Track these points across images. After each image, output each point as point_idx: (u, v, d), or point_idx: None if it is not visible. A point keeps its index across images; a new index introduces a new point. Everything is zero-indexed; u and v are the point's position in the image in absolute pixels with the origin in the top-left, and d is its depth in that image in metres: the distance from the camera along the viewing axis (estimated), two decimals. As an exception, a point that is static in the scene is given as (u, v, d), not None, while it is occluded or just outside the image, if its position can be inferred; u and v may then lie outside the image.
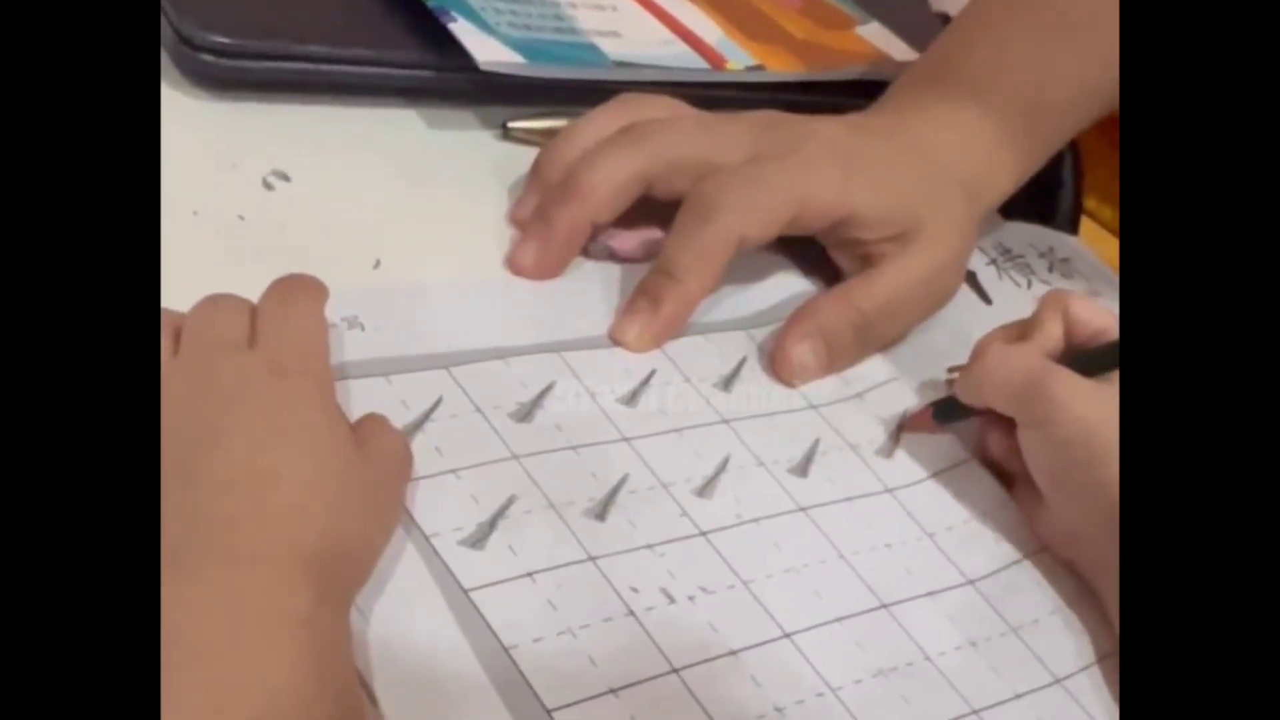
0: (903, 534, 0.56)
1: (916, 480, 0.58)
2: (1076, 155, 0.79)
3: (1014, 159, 0.67)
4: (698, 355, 0.59)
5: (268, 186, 0.60)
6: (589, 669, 0.46)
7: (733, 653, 0.49)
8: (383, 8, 0.68)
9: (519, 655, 0.45)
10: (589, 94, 0.66)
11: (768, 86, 0.74)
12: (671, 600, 0.49)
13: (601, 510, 0.51)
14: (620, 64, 0.70)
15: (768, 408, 0.58)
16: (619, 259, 0.62)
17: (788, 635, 0.50)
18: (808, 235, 0.63)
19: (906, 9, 0.87)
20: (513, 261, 0.60)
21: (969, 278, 0.70)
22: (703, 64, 0.73)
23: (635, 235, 0.62)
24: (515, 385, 0.54)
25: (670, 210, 0.60)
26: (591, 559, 0.49)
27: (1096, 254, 0.77)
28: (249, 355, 0.47)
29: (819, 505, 0.55)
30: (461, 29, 0.65)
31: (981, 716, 0.50)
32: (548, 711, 0.44)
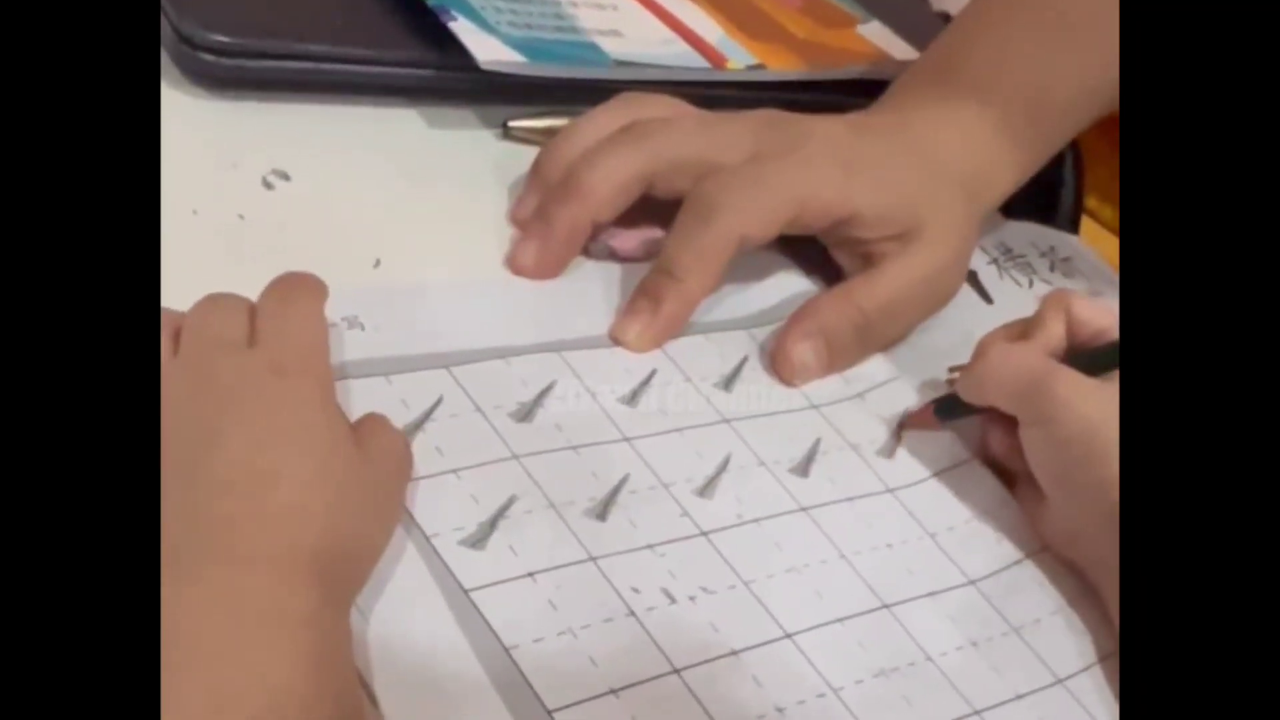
0: (904, 534, 0.56)
1: (918, 480, 0.58)
2: (1077, 154, 0.79)
3: (1015, 158, 0.67)
4: (698, 355, 0.59)
5: (268, 186, 0.60)
6: (590, 669, 0.46)
7: (734, 653, 0.48)
8: (383, 7, 0.68)
9: (519, 655, 0.45)
10: (590, 93, 0.66)
11: (768, 85, 0.74)
12: (672, 600, 0.49)
13: (602, 510, 0.51)
14: (621, 63, 0.70)
15: (769, 407, 0.58)
16: (620, 258, 0.62)
17: (789, 635, 0.50)
18: (808, 234, 0.63)
19: (907, 8, 0.87)
20: (513, 261, 0.60)
21: (970, 277, 0.70)
22: (703, 63, 0.73)
23: (636, 234, 0.62)
24: (516, 385, 0.54)
25: (671, 209, 0.60)
26: (592, 559, 0.49)
27: (1097, 253, 0.77)
28: (249, 355, 0.46)
29: (820, 505, 0.55)
30: (462, 28, 0.65)
31: (983, 717, 0.50)
32: (548, 712, 0.44)
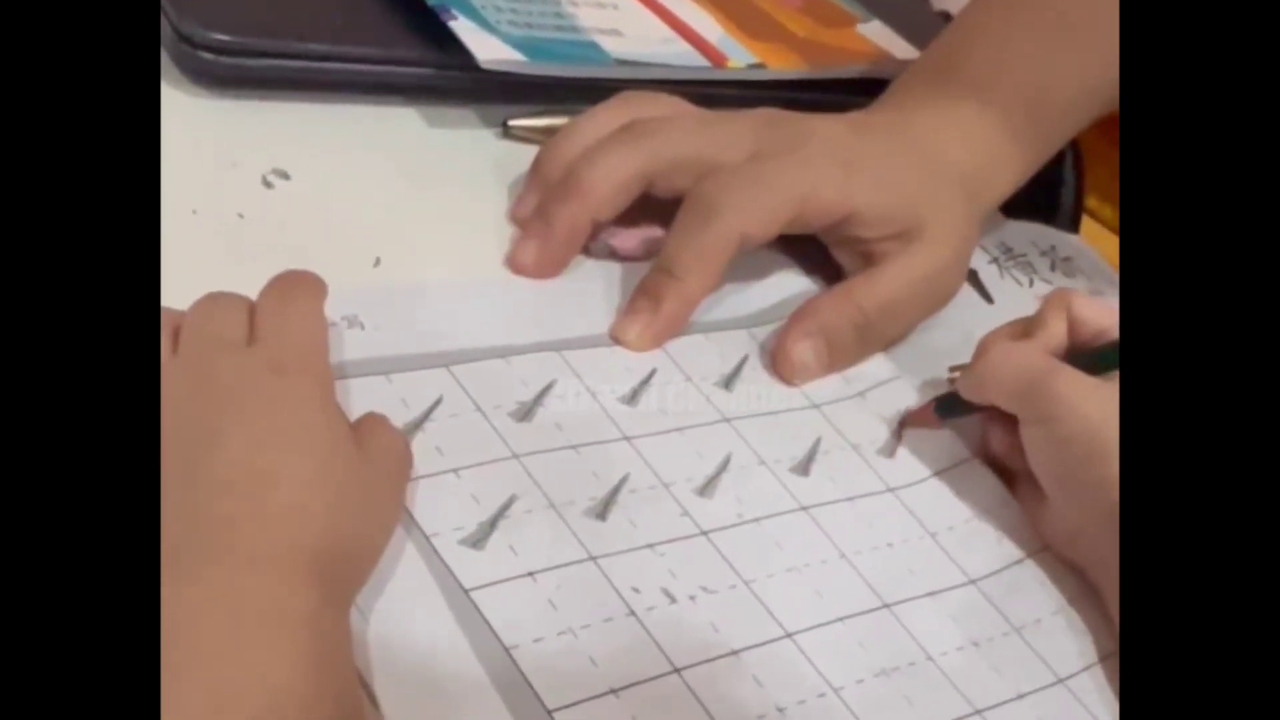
0: (904, 533, 0.56)
1: (918, 479, 0.58)
2: (1077, 154, 0.79)
3: (1015, 157, 0.67)
4: (699, 354, 0.59)
5: (267, 185, 0.60)
6: (590, 669, 0.46)
7: (734, 652, 0.48)
8: (383, 6, 0.68)
9: (519, 655, 0.45)
10: (590, 92, 0.66)
11: (768, 84, 0.74)
12: (673, 600, 0.49)
13: (602, 510, 0.51)
14: (621, 62, 0.70)
15: (769, 407, 0.58)
16: (620, 257, 0.62)
17: (789, 635, 0.50)
18: (809, 234, 0.62)
19: (907, 7, 0.87)
20: (513, 260, 0.60)
21: (970, 276, 0.70)
22: (704, 62, 0.73)
23: (636, 234, 0.62)
24: (516, 384, 0.54)
25: (671, 208, 0.60)
26: (592, 558, 0.49)
27: (1098, 253, 0.77)
28: (248, 354, 0.46)
29: (820, 504, 0.55)
30: (462, 27, 0.65)
31: (984, 716, 0.50)
32: (548, 712, 0.44)
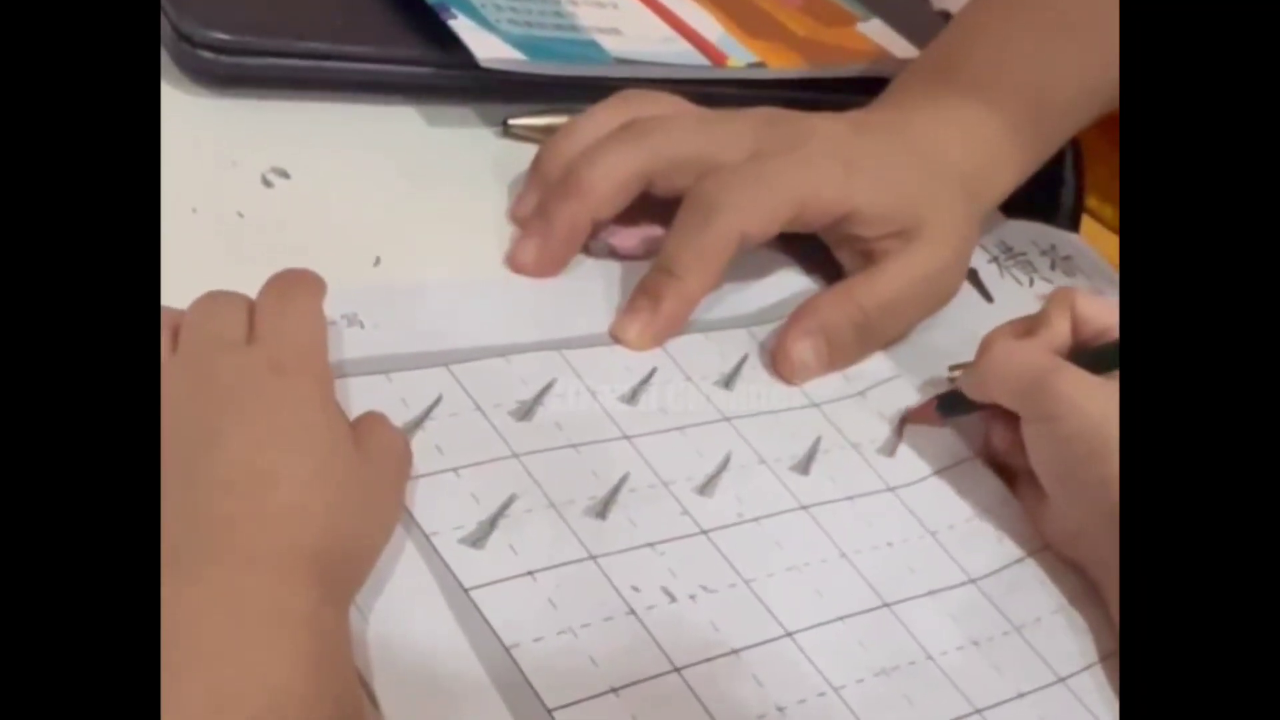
0: (904, 532, 0.56)
1: (918, 478, 0.58)
2: (1077, 153, 0.79)
3: (1015, 156, 0.67)
4: (699, 353, 0.59)
5: (267, 184, 0.60)
6: (590, 668, 0.46)
7: (734, 652, 0.48)
8: (383, 4, 0.67)
9: (519, 654, 0.45)
10: (589, 91, 0.65)
11: (768, 84, 0.74)
12: (673, 599, 0.49)
13: (602, 509, 0.51)
14: (621, 61, 0.70)
15: (769, 406, 0.58)
16: (619, 256, 0.62)
17: (789, 634, 0.50)
18: (809, 232, 0.62)
19: (907, 6, 0.87)
20: (513, 259, 0.60)
21: (971, 275, 0.70)
22: (703, 61, 0.73)
23: (636, 233, 0.62)
24: (516, 383, 0.54)
25: (671, 207, 0.60)
26: (592, 558, 0.49)
27: (1098, 252, 0.77)
28: (248, 353, 0.46)
29: (821, 503, 0.55)
30: (462, 26, 0.65)
31: (984, 716, 0.50)
32: (548, 711, 0.44)
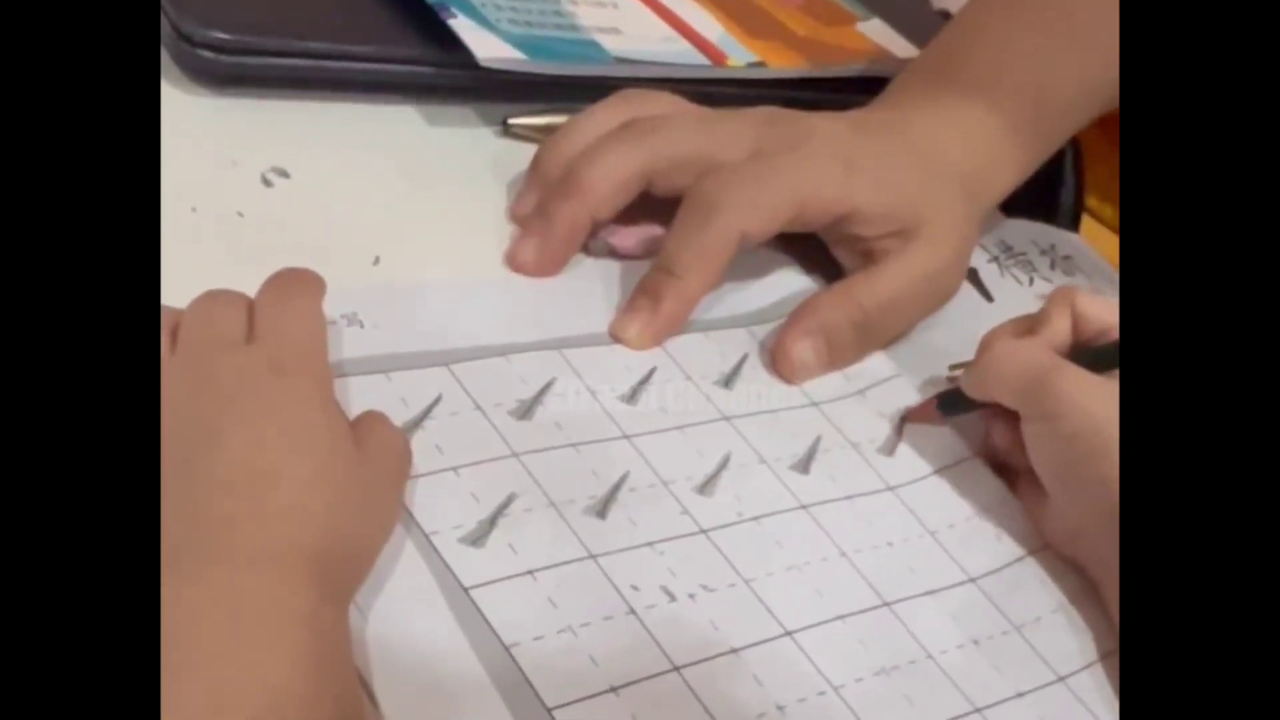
0: (904, 532, 0.56)
1: (918, 478, 0.58)
2: (1077, 152, 0.79)
3: (1015, 156, 0.67)
4: (698, 353, 0.59)
5: (267, 183, 0.60)
6: (590, 667, 0.46)
7: (734, 651, 0.48)
8: (383, 4, 0.67)
9: (519, 653, 0.45)
10: (589, 90, 0.65)
11: (768, 83, 0.74)
12: (672, 598, 0.49)
13: (602, 508, 0.51)
14: (621, 60, 0.70)
15: (769, 405, 0.58)
16: (619, 256, 0.62)
17: (789, 633, 0.50)
18: (809, 232, 0.62)
19: (907, 6, 0.87)
20: (513, 258, 0.60)
21: (970, 275, 0.70)
22: (703, 60, 0.73)
23: (636, 232, 0.62)
24: (515, 382, 0.54)
25: (671, 207, 0.60)
26: (592, 557, 0.49)
27: (1097, 252, 0.77)
28: (247, 352, 0.46)
29: (820, 503, 0.55)
30: (462, 25, 0.65)
31: (984, 715, 0.50)
32: (548, 710, 0.44)
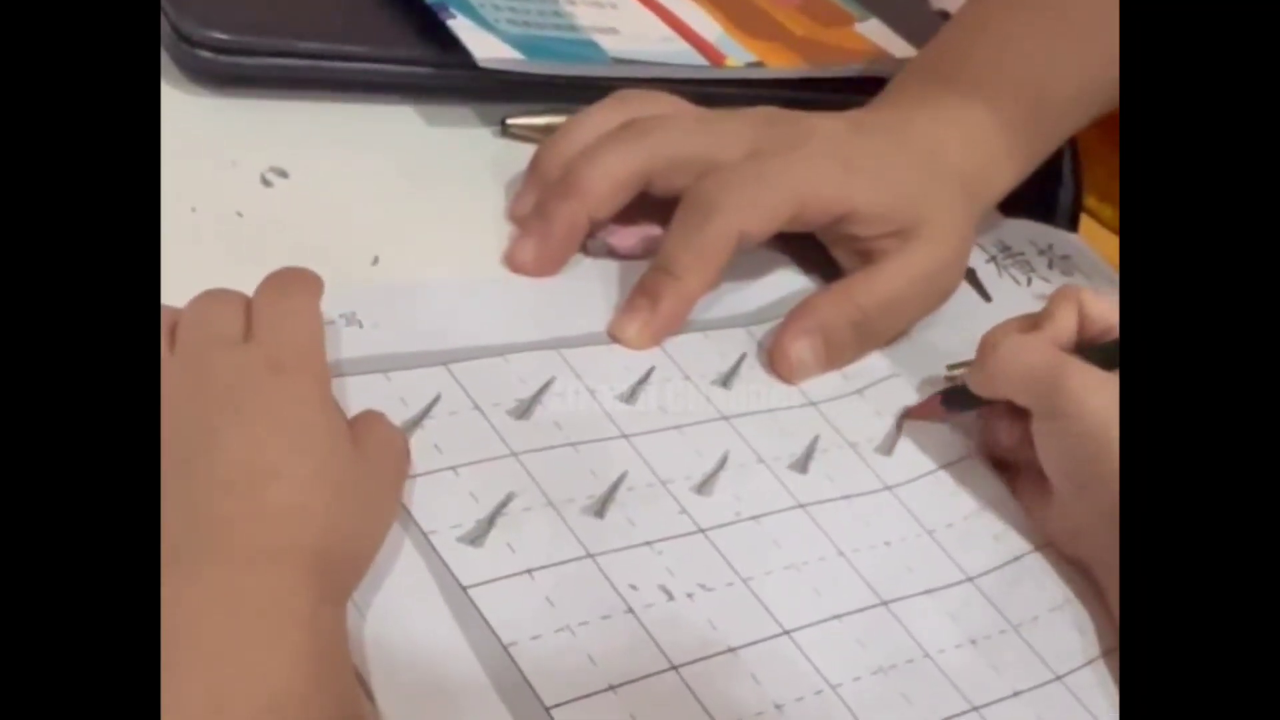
0: (902, 531, 0.56)
1: (916, 477, 0.58)
2: (1075, 152, 0.79)
3: (1014, 156, 0.67)
4: (697, 352, 0.59)
5: (266, 183, 0.60)
6: (588, 666, 0.46)
7: (732, 650, 0.48)
8: (381, 4, 0.68)
9: (518, 653, 0.45)
10: (588, 91, 0.66)
11: (767, 83, 0.74)
12: (670, 597, 0.49)
13: (600, 507, 0.51)
14: (619, 60, 0.70)
15: (767, 404, 0.58)
16: (618, 256, 0.62)
17: (787, 632, 0.50)
18: (807, 232, 0.63)
19: (906, 6, 0.87)
20: (511, 258, 0.60)
21: (969, 275, 0.70)
22: (702, 61, 0.73)
23: (634, 232, 0.62)
24: (514, 382, 0.54)
25: (669, 207, 0.60)
26: (590, 556, 0.49)
27: (1096, 252, 0.77)
28: (246, 352, 0.46)
29: (818, 502, 0.55)
30: (460, 25, 0.65)
31: (982, 714, 0.50)
32: (546, 709, 0.44)
